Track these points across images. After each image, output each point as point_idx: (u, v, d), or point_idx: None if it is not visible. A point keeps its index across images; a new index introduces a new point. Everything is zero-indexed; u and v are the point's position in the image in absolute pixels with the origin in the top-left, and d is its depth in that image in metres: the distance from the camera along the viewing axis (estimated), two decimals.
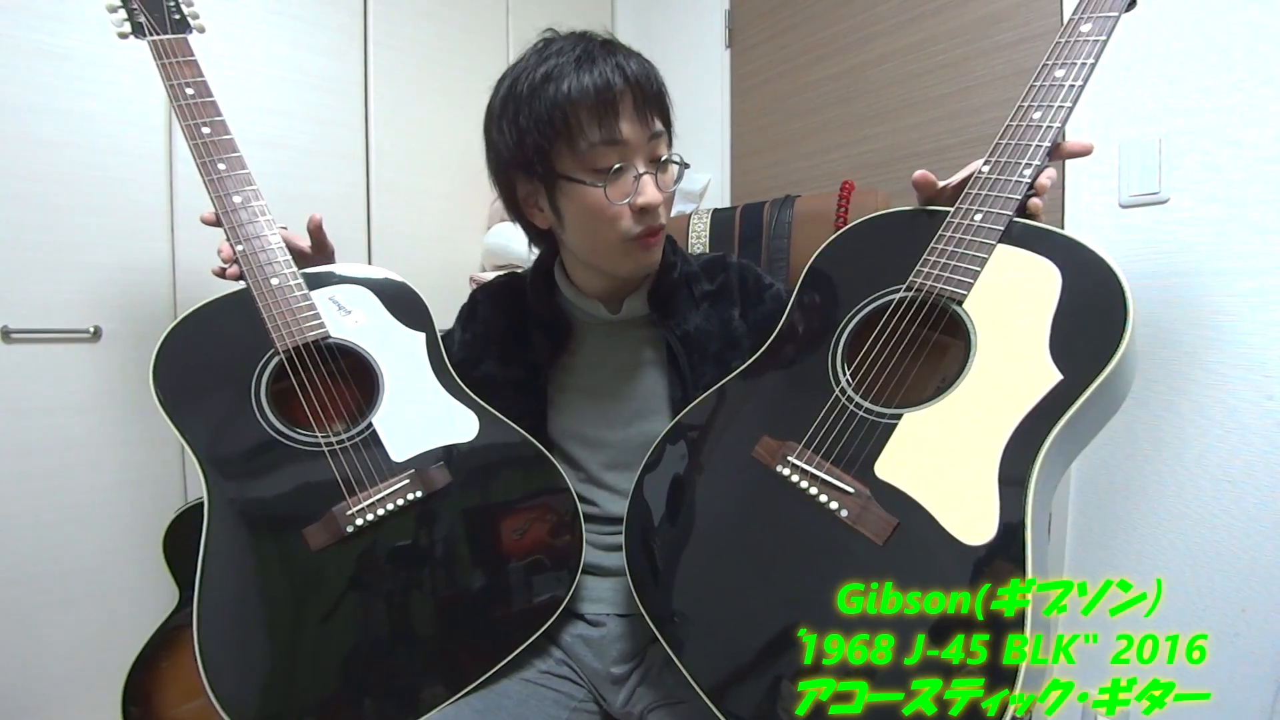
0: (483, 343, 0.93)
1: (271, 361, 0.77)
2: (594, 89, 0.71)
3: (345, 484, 0.73)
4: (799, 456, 0.65)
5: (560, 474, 0.81)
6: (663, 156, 0.78)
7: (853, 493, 0.60)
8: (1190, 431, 1.01)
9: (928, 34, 1.37)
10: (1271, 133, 0.93)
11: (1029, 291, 0.60)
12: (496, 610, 0.76)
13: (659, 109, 0.77)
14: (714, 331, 0.86)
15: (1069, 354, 0.56)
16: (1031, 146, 0.64)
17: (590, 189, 0.74)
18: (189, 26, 0.86)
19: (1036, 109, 0.65)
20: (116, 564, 1.26)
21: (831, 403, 0.66)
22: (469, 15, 1.73)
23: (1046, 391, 0.55)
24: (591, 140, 0.73)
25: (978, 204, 0.66)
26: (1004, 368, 0.59)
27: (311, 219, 0.88)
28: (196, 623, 0.67)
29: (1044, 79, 0.66)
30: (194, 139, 0.81)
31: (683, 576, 0.71)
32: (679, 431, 0.79)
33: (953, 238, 0.66)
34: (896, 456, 0.60)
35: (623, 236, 0.76)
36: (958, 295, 0.63)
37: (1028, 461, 0.54)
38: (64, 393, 1.20)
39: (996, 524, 0.53)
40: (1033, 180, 0.65)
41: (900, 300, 0.68)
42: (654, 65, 0.78)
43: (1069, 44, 0.66)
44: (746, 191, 1.77)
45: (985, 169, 0.67)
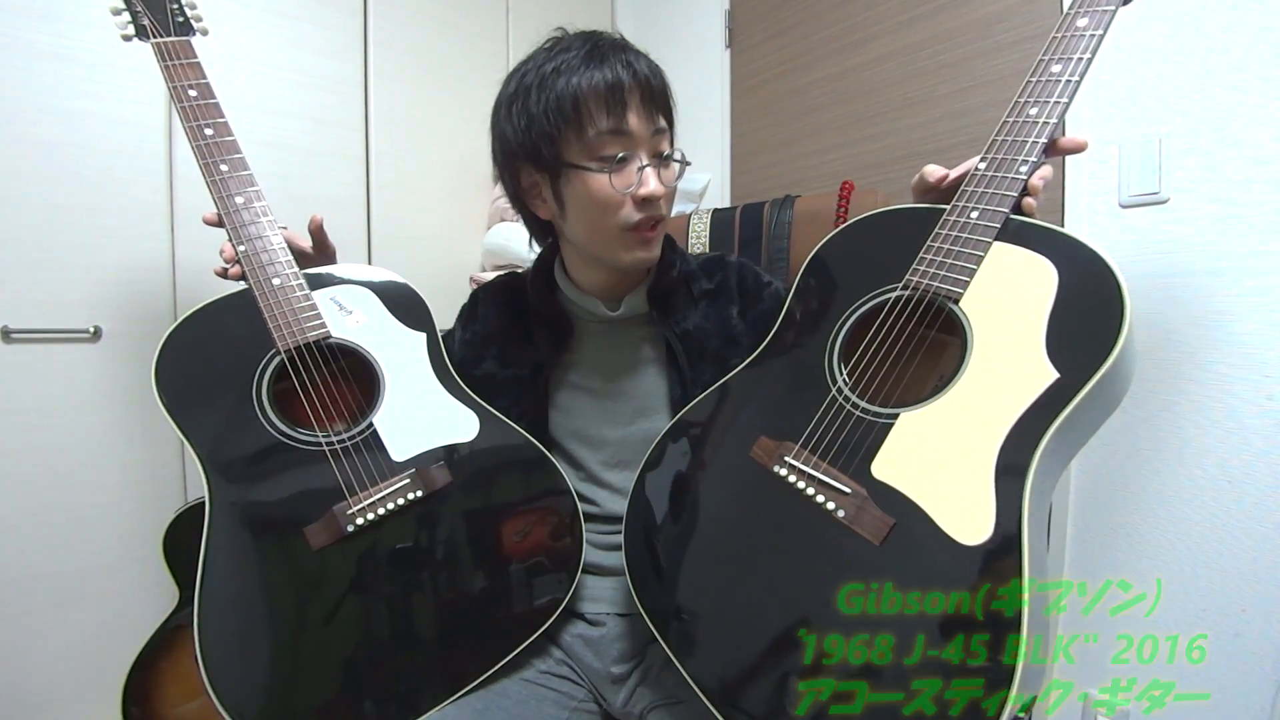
0: (483, 342, 0.93)
1: (273, 361, 0.77)
2: (604, 82, 0.73)
3: (346, 483, 0.73)
4: (796, 457, 0.65)
5: (561, 474, 0.81)
6: (665, 152, 0.79)
7: (849, 493, 0.60)
8: (1190, 431, 1.01)
9: (928, 34, 1.37)
10: (1271, 133, 0.94)
11: (1026, 289, 0.60)
12: (496, 610, 0.76)
13: (663, 106, 0.79)
14: (713, 330, 0.87)
15: (1066, 352, 0.56)
16: (1028, 143, 0.64)
17: (595, 176, 0.75)
18: (192, 29, 0.87)
19: (1033, 105, 0.65)
20: (116, 564, 1.26)
21: (828, 402, 0.66)
22: (469, 15, 1.73)
23: (1043, 390, 0.55)
24: (600, 129, 0.74)
25: (974, 201, 0.65)
26: (1001, 366, 0.59)
27: (313, 220, 0.89)
28: (197, 621, 0.67)
29: (1041, 74, 0.66)
30: (197, 140, 0.81)
31: (682, 577, 0.71)
32: (678, 431, 0.79)
33: (949, 236, 0.66)
34: (893, 456, 0.60)
35: (623, 226, 0.78)
36: (954, 294, 0.63)
37: (1024, 461, 0.54)
38: (64, 393, 1.20)
39: (993, 524, 0.53)
40: (1029, 176, 0.64)
41: (897, 299, 0.67)
42: (659, 65, 0.80)
43: (1065, 39, 0.66)
44: (746, 191, 1.77)
45: (982, 166, 0.67)
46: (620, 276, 0.87)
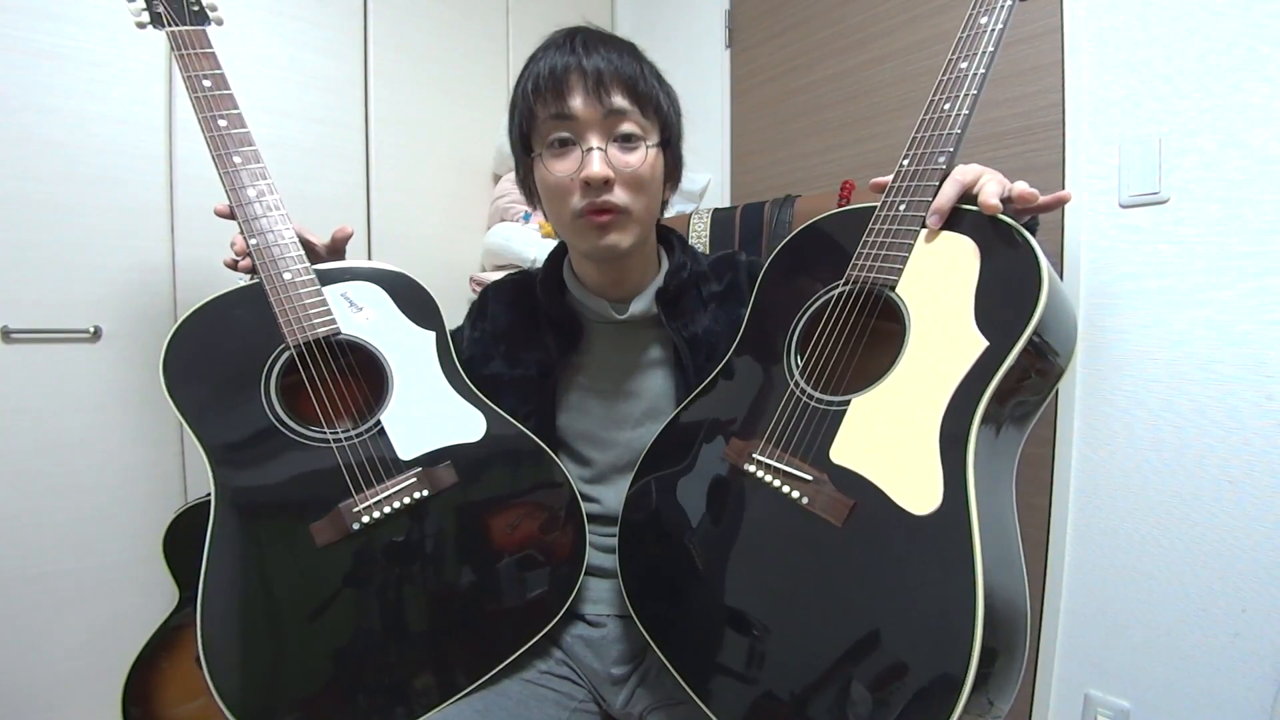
0: (491, 341, 0.93)
1: (282, 356, 0.77)
2: (549, 68, 0.75)
3: (352, 480, 0.73)
4: (762, 452, 0.68)
5: (566, 477, 0.81)
6: (622, 133, 0.77)
7: (810, 479, 0.63)
8: (1190, 431, 1.01)
9: (928, 34, 1.37)
10: (1271, 133, 0.94)
11: (953, 269, 0.63)
12: (498, 611, 0.76)
13: (625, 89, 0.76)
14: (722, 333, 0.86)
15: (993, 320, 0.58)
16: (944, 135, 0.67)
17: (542, 162, 0.77)
18: (207, 18, 0.86)
19: (946, 100, 0.69)
20: (116, 564, 1.26)
21: (787, 398, 0.69)
22: (469, 15, 1.73)
23: (976, 358, 0.58)
24: (548, 114, 0.76)
25: (901, 195, 0.69)
26: (936, 342, 0.61)
27: (343, 230, 0.89)
28: (200, 618, 0.67)
29: (950, 72, 0.69)
30: (211, 131, 0.80)
31: (670, 582, 0.73)
32: (662, 440, 0.81)
33: (881, 229, 0.69)
34: (848, 440, 0.63)
35: (573, 213, 0.78)
36: (890, 281, 0.66)
37: (964, 428, 0.56)
38: (64, 393, 1.20)
39: (941, 492, 0.55)
40: (949, 166, 0.67)
41: (840, 294, 0.71)
42: (639, 50, 0.80)
43: (969, 37, 0.69)
44: (746, 191, 1.77)
45: (906, 163, 0.70)
46: (618, 274, 0.87)
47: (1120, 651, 1.09)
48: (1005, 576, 0.54)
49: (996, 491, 0.58)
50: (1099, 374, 1.10)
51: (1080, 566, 1.13)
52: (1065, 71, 1.14)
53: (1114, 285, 1.08)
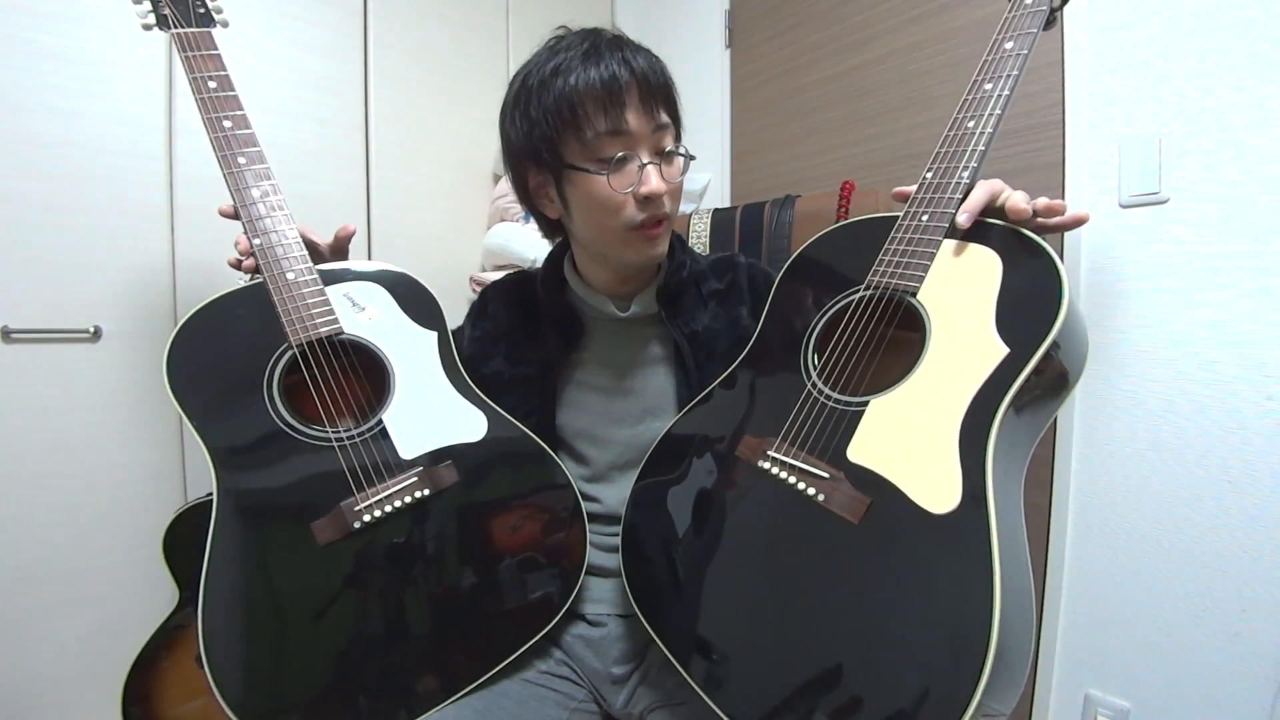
0: (492, 339, 0.93)
1: (284, 355, 0.77)
2: (600, 81, 0.73)
3: (354, 479, 0.73)
4: (777, 450, 0.69)
5: (567, 477, 0.82)
6: (668, 148, 0.78)
7: (827, 477, 0.63)
8: (1190, 431, 1.01)
9: (928, 34, 1.37)
10: (1271, 133, 0.94)
11: (974, 278, 0.65)
12: (498, 611, 0.76)
13: (665, 102, 0.78)
14: (722, 330, 0.87)
15: (1014, 328, 0.60)
16: (967, 151, 0.70)
17: (595, 178, 0.75)
18: (213, 20, 0.87)
19: (970, 119, 0.71)
20: (116, 564, 1.26)
21: (804, 397, 0.70)
22: (469, 15, 1.73)
23: (997, 364, 0.59)
24: (598, 130, 0.74)
25: (924, 206, 0.71)
26: (957, 348, 0.63)
27: (345, 229, 0.89)
28: (201, 617, 0.67)
29: (974, 92, 0.72)
30: (216, 132, 0.81)
31: (678, 579, 0.73)
32: (670, 437, 0.81)
33: (904, 238, 0.71)
34: (866, 440, 0.64)
35: (626, 225, 0.77)
36: (912, 288, 0.68)
37: (984, 430, 0.57)
38: (64, 393, 1.20)
39: (960, 491, 0.55)
40: (972, 181, 0.69)
41: (861, 299, 0.72)
42: (661, 60, 0.79)
43: (995, 60, 0.72)
44: (746, 191, 1.77)
45: (929, 176, 0.72)
46: (629, 275, 0.87)
47: (1120, 652, 1.09)
48: (1019, 577, 0.55)
49: (1010, 495, 0.58)
50: (1099, 374, 1.10)
51: (1080, 566, 1.14)
52: (1065, 71, 1.14)
53: (1114, 285, 1.08)
